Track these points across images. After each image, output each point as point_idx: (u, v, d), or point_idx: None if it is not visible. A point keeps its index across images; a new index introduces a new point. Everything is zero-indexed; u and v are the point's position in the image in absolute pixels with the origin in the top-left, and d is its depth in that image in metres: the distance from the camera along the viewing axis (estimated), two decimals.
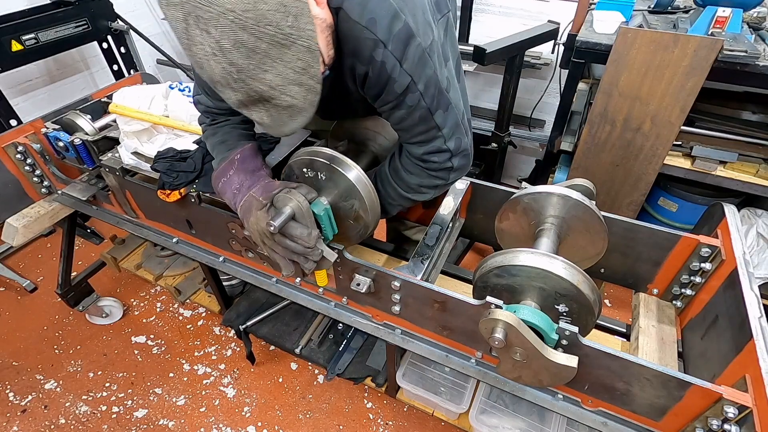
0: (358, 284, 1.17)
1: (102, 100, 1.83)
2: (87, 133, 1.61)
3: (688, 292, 1.25)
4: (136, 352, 2.19)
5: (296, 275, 1.12)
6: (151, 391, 2.03)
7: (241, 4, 0.65)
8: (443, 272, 1.49)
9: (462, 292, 1.10)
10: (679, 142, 1.97)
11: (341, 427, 1.90)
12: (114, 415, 1.94)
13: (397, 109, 0.97)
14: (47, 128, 1.64)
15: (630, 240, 1.26)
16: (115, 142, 1.60)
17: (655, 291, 1.34)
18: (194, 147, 1.45)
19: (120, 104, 1.54)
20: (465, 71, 1.30)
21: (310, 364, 2.10)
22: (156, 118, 1.52)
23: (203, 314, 2.37)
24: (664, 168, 1.94)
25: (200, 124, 1.25)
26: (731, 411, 0.85)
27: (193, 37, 0.69)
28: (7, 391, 2.03)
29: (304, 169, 1.11)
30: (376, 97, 0.97)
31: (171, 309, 2.40)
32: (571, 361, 0.93)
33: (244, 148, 1.13)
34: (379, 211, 1.17)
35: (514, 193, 1.25)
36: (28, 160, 1.69)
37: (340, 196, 1.11)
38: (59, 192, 1.78)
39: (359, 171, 1.08)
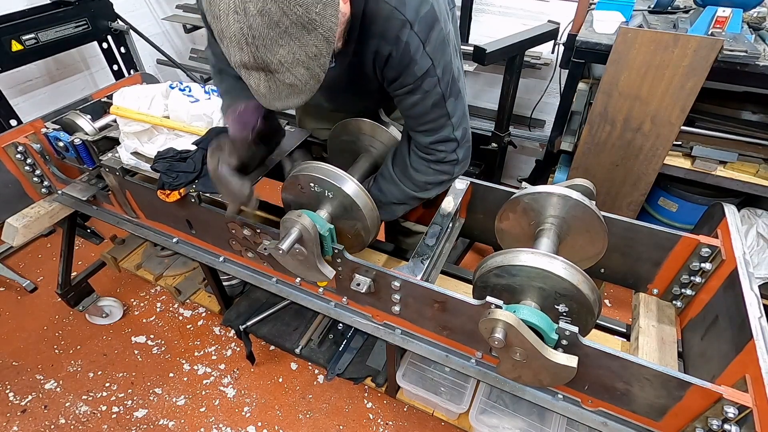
0: (358, 284, 1.17)
1: (102, 100, 1.83)
2: (87, 133, 1.61)
3: (688, 292, 1.25)
4: (136, 352, 2.19)
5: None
6: (151, 391, 2.03)
7: None
8: (443, 272, 1.49)
9: (462, 292, 1.10)
10: (679, 142, 1.97)
11: (341, 427, 1.90)
12: (114, 415, 1.94)
13: (413, 94, 0.99)
14: (47, 128, 1.64)
15: (630, 240, 1.26)
16: (115, 142, 1.60)
17: (655, 291, 1.34)
18: (194, 147, 1.45)
19: (121, 105, 1.53)
20: (465, 71, 1.32)
21: (310, 364, 2.10)
22: (157, 120, 1.52)
23: (203, 314, 2.37)
24: (664, 168, 1.94)
25: (212, 74, 1.29)
26: (731, 411, 0.85)
27: None
28: (7, 391, 2.03)
29: (311, 184, 1.15)
30: (394, 80, 0.99)
31: (171, 309, 2.40)
32: (571, 361, 0.93)
33: (248, 105, 1.15)
34: (379, 223, 1.21)
35: (514, 193, 1.25)
36: (28, 160, 1.69)
37: (342, 211, 1.16)
38: (59, 192, 1.78)
39: (359, 187, 1.12)
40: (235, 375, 2.09)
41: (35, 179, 1.75)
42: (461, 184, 1.43)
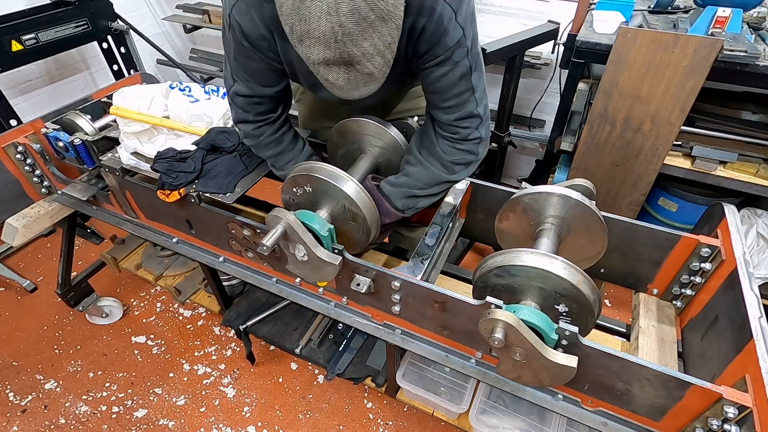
0: (358, 284, 1.17)
1: (102, 100, 1.83)
2: (87, 133, 1.61)
3: (688, 292, 1.24)
4: (136, 352, 2.19)
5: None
6: (151, 391, 2.03)
7: None
8: (443, 272, 1.49)
9: (462, 292, 1.10)
10: (679, 142, 1.97)
11: (341, 427, 1.90)
12: (114, 415, 1.94)
13: (442, 66, 1.02)
14: (47, 128, 1.64)
15: (630, 240, 1.26)
16: (115, 142, 1.60)
17: (655, 291, 1.34)
18: (194, 147, 1.45)
19: (121, 106, 1.53)
20: None
21: (310, 364, 2.10)
22: (157, 120, 1.52)
23: (203, 314, 2.37)
24: (664, 168, 1.94)
25: (238, 123, 1.28)
26: (731, 411, 0.85)
27: None
28: (7, 391, 2.03)
29: (311, 184, 1.16)
30: (425, 52, 1.02)
31: (171, 309, 2.40)
32: (571, 361, 0.93)
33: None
34: (379, 223, 1.21)
35: (514, 193, 1.25)
36: (28, 160, 1.69)
37: (342, 211, 1.16)
38: (59, 192, 1.78)
39: (359, 187, 1.12)
40: (235, 375, 2.09)
41: (35, 179, 1.75)
42: (461, 184, 1.43)
